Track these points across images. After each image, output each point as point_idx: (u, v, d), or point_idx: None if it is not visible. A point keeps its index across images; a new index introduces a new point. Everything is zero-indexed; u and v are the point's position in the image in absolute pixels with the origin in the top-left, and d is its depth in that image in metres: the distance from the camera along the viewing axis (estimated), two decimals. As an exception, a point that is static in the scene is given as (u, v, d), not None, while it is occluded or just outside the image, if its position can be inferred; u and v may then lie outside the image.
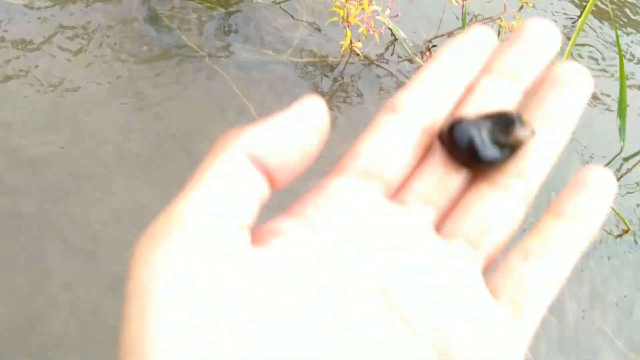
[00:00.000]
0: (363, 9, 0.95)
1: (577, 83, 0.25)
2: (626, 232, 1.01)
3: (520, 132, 0.24)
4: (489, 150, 0.24)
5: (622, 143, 1.07)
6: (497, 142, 0.24)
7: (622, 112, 1.03)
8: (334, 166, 0.24)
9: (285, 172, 0.21)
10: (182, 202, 0.19)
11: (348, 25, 1.01)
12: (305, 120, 0.21)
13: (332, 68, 1.08)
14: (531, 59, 0.26)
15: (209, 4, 1.12)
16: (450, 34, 1.14)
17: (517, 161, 0.24)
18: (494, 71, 0.26)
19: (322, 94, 1.06)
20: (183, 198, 0.20)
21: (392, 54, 1.11)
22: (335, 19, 1.03)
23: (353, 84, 1.07)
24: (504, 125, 0.24)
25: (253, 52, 1.08)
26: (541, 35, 0.26)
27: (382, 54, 1.11)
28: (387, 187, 0.23)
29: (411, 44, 1.10)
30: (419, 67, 1.06)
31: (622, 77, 1.01)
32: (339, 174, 0.23)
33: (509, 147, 0.24)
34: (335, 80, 1.08)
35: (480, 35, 0.27)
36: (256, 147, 0.20)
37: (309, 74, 1.08)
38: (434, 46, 1.14)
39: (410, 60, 1.11)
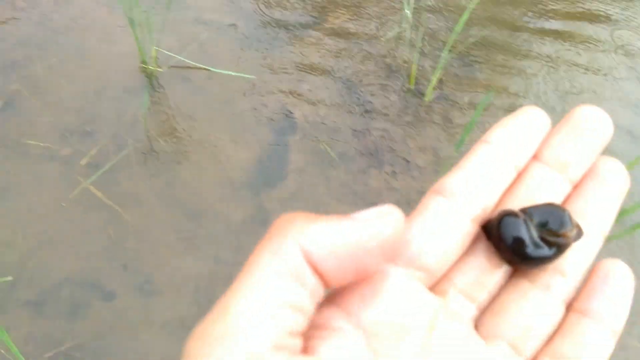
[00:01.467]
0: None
1: (615, 181, 0.25)
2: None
3: (569, 233, 0.24)
4: (537, 250, 0.23)
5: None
6: (545, 241, 0.24)
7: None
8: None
9: (340, 279, 0.20)
10: (233, 303, 0.18)
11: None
12: (375, 230, 0.20)
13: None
14: (582, 151, 0.26)
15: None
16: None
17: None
18: (545, 160, 0.26)
19: None
20: (235, 296, 0.18)
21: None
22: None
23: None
24: (553, 224, 0.24)
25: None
26: (593, 124, 0.26)
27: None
28: (430, 277, 0.23)
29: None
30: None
31: None
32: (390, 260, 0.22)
33: (557, 247, 0.24)
34: None
35: (532, 118, 0.26)
36: (314, 250, 0.19)
37: None
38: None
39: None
